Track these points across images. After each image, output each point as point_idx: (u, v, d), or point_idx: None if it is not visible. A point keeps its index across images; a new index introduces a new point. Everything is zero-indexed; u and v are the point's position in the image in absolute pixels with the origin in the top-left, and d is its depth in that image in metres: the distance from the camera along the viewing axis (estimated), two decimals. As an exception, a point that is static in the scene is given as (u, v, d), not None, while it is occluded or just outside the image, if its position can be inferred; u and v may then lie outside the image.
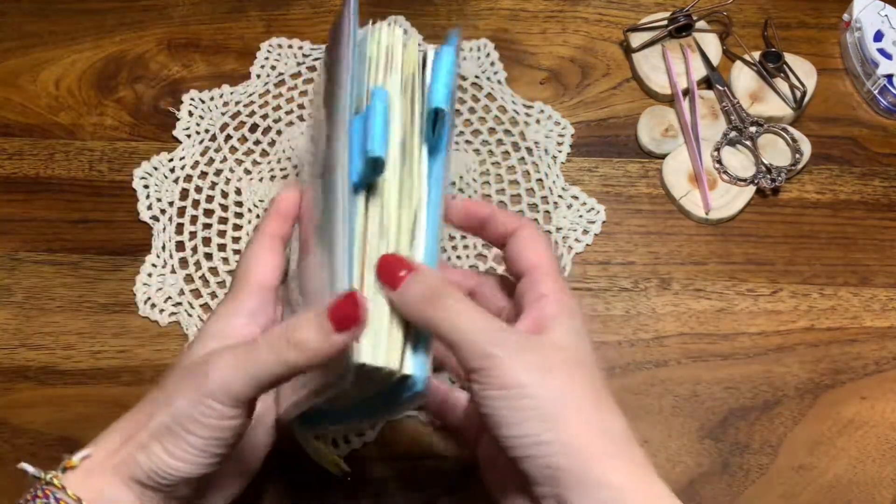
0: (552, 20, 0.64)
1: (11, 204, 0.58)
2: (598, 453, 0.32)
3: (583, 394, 0.33)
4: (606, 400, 0.34)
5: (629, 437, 0.33)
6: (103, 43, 0.65)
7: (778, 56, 0.59)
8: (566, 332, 0.35)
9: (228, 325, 0.37)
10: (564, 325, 0.35)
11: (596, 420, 0.33)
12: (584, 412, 0.32)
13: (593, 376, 0.34)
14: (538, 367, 0.32)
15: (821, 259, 0.54)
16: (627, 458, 0.32)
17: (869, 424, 0.49)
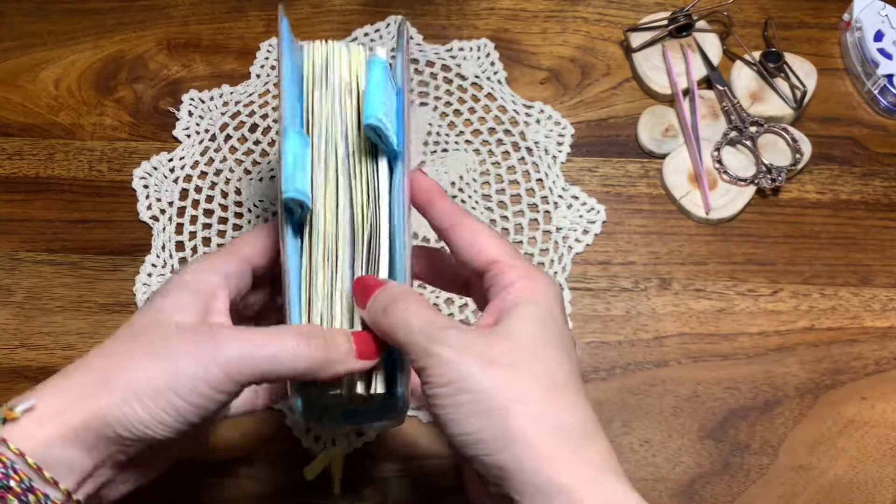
0: (552, 20, 0.64)
1: (11, 204, 0.58)
2: (549, 451, 0.29)
3: (533, 386, 0.30)
4: (564, 391, 0.31)
5: (587, 431, 0.31)
6: (103, 43, 0.65)
7: (778, 56, 0.59)
8: (522, 320, 0.32)
9: (203, 280, 0.36)
10: (521, 314, 0.32)
11: (547, 414, 0.30)
12: (532, 406, 0.30)
13: (548, 367, 0.31)
14: (480, 359, 0.30)
15: (821, 259, 0.54)
16: (581, 456, 0.30)
17: (869, 424, 0.49)
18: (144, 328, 0.34)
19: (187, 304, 0.34)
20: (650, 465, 0.48)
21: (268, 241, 0.38)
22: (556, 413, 0.30)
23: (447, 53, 0.63)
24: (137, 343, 0.33)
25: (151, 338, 0.33)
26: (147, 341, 0.33)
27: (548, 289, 0.33)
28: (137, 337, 0.34)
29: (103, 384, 0.32)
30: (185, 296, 0.35)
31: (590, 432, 0.31)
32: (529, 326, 0.32)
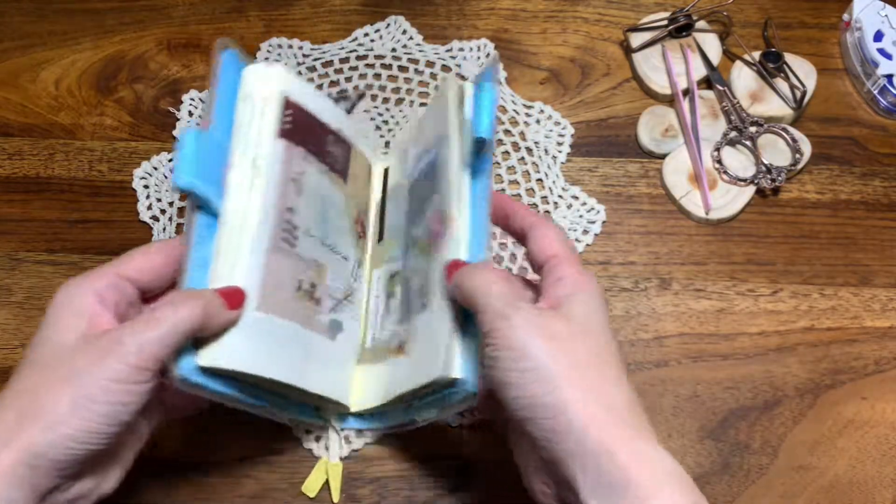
0: (552, 20, 0.64)
1: (11, 204, 0.58)
2: (598, 418, 0.33)
3: (587, 361, 0.34)
4: (613, 369, 0.35)
5: (632, 405, 0.34)
6: (103, 43, 0.65)
7: (778, 56, 0.59)
8: (577, 306, 0.36)
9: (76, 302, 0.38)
10: (576, 300, 0.37)
11: (598, 387, 0.34)
12: (585, 379, 0.34)
13: (601, 347, 0.36)
14: (543, 333, 0.35)
15: (821, 259, 0.54)
16: (628, 424, 0.33)
17: (869, 424, 0.49)
18: (41, 360, 0.36)
19: (71, 325, 0.37)
20: (650, 465, 0.48)
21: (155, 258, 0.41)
22: (604, 386, 0.34)
23: (447, 53, 0.63)
24: (41, 375, 0.36)
25: (51, 365, 0.36)
26: (48, 369, 0.35)
27: (595, 284, 0.38)
28: (39, 369, 0.36)
29: (21, 420, 0.34)
30: (66, 319, 0.37)
31: (632, 405, 0.34)
32: (583, 311, 0.36)
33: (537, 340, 0.34)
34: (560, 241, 0.40)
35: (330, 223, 0.47)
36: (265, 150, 0.43)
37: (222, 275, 0.40)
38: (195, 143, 0.40)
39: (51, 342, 0.37)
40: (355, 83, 0.61)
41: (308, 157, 0.46)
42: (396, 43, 0.63)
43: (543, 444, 0.34)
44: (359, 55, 0.63)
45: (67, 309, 0.37)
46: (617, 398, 0.34)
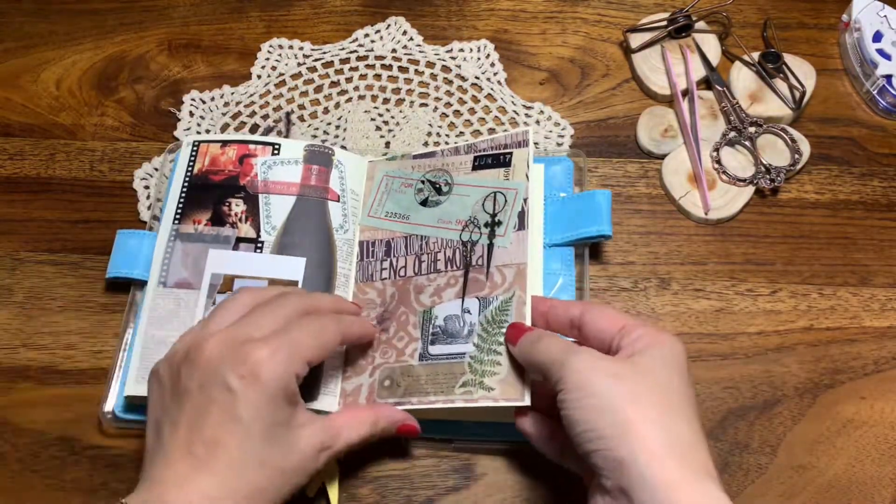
0: (552, 21, 0.65)
1: (12, 204, 0.58)
2: (659, 452, 0.34)
3: (650, 398, 0.36)
4: (678, 409, 0.36)
5: (693, 442, 0.35)
6: (104, 43, 0.65)
7: (777, 56, 0.60)
8: (648, 357, 0.38)
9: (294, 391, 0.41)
10: (648, 353, 0.38)
11: (660, 422, 0.35)
12: (649, 413, 0.35)
13: (668, 389, 0.37)
14: (605, 372, 0.37)
15: (820, 259, 0.54)
16: (687, 460, 0.34)
17: (868, 424, 0.49)
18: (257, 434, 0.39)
19: (285, 411, 0.40)
20: (649, 465, 0.48)
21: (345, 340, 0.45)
22: (666, 421, 0.35)
23: (447, 54, 0.63)
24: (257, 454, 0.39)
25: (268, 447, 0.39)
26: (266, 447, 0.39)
27: (675, 342, 0.39)
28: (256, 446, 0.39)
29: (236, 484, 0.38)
30: (281, 404, 0.39)
31: (693, 442, 0.35)
32: (655, 362, 0.38)
33: (599, 376, 0.36)
34: (624, 312, 0.42)
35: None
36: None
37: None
38: None
39: (267, 421, 0.39)
40: (285, 109, 0.61)
41: None
42: (396, 44, 0.64)
43: (608, 475, 0.35)
44: (359, 56, 0.63)
45: (283, 393, 0.39)
46: (682, 435, 0.35)
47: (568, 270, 0.51)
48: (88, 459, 0.49)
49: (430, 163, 0.54)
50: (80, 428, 0.50)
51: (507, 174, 0.51)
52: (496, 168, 0.52)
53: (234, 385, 0.38)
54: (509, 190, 0.50)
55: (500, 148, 0.52)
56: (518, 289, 0.47)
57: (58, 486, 0.48)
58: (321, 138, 0.60)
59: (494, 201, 0.51)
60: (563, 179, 0.54)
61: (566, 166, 0.55)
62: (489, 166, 0.52)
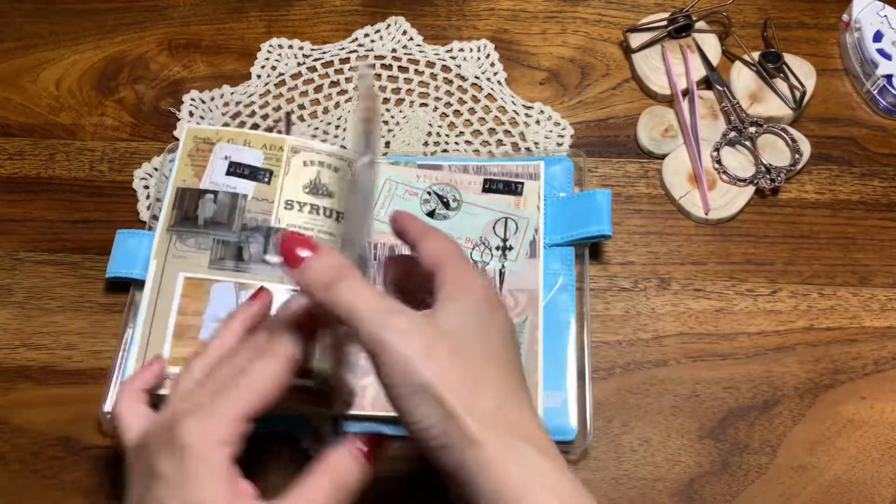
0: (552, 20, 0.64)
1: (12, 204, 0.58)
2: (473, 431, 0.33)
3: (460, 374, 0.34)
4: (482, 375, 0.35)
5: (500, 406, 0.35)
6: (104, 43, 0.65)
7: (777, 56, 0.60)
8: (451, 314, 0.36)
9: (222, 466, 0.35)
10: (450, 307, 0.37)
11: (470, 397, 0.34)
12: (460, 393, 0.34)
13: (472, 354, 0.35)
14: (423, 353, 0.34)
15: (820, 259, 0.54)
16: (495, 431, 0.34)
17: (868, 424, 0.49)
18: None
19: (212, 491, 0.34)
20: (649, 465, 0.48)
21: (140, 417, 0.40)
22: (477, 394, 0.34)
23: (447, 54, 0.63)
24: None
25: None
26: None
27: (472, 281, 0.38)
28: None
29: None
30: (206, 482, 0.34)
31: (504, 408, 0.35)
32: (455, 319, 0.36)
33: (418, 362, 0.34)
34: (444, 247, 0.39)
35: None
36: None
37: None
38: None
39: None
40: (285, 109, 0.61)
41: None
42: (396, 43, 0.64)
43: (438, 463, 0.35)
44: (359, 56, 0.63)
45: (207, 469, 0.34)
46: (488, 404, 0.34)
47: (568, 270, 0.52)
48: (88, 459, 0.49)
49: (436, 175, 0.55)
50: (80, 428, 0.50)
51: (518, 203, 0.53)
52: (507, 195, 0.53)
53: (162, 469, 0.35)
54: (521, 218, 0.52)
55: (511, 176, 0.54)
56: (531, 313, 0.48)
57: (58, 486, 0.48)
58: (321, 138, 0.60)
59: (506, 226, 0.52)
60: (563, 179, 0.54)
61: (566, 166, 0.55)
62: (500, 191, 0.54)
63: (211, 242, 0.51)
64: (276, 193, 0.52)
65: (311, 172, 0.53)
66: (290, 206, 0.52)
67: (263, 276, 0.50)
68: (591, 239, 0.52)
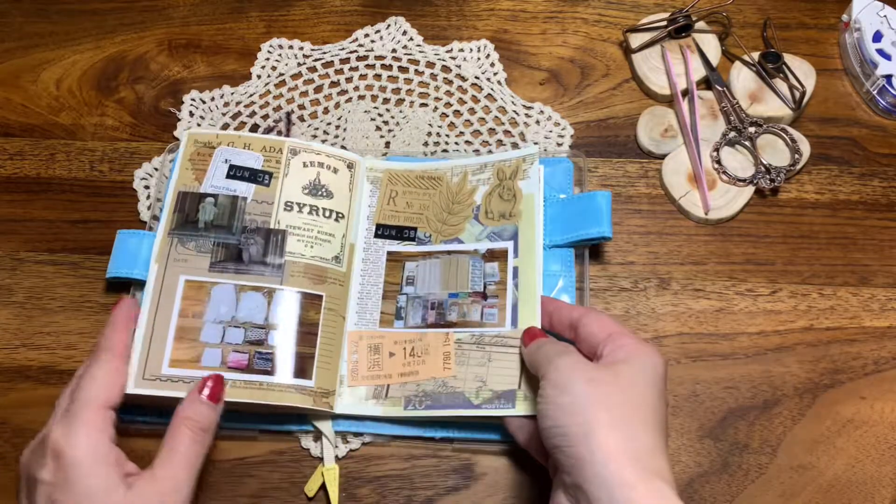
0: (552, 21, 0.65)
1: (12, 204, 0.58)
2: (618, 454, 0.36)
3: (620, 404, 0.38)
4: (644, 418, 0.38)
5: (652, 449, 0.37)
6: (104, 43, 0.65)
7: (777, 56, 0.60)
8: (628, 366, 0.40)
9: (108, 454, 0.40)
10: (629, 363, 0.40)
11: (624, 427, 0.37)
12: (614, 417, 0.37)
13: (640, 399, 0.38)
14: (584, 376, 0.39)
15: (820, 259, 0.54)
16: (644, 463, 0.36)
17: (868, 424, 0.49)
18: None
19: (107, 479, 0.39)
20: (649, 465, 0.48)
21: (118, 378, 0.45)
22: (633, 428, 0.37)
23: (447, 54, 0.63)
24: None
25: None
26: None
27: (655, 356, 0.41)
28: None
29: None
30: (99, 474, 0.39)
31: (654, 450, 0.37)
32: (633, 371, 0.39)
33: (577, 378, 0.39)
34: (615, 321, 0.43)
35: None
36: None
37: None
38: None
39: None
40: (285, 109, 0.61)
41: None
42: (396, 44, 0.64)
43: (568, 471, 0.37)
44: (359, 56, 0.63)
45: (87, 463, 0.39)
46: (642, 441, 0.37)
47: (568, 271, 0.52)
48: (88, 459, 0.49)
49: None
50: (80, 428, 0.50)
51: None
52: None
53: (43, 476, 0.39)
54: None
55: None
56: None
57: (58, 486, 0.48)
58: (321, 138, 0.60)
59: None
60: (563, 180, 0.54)
61: (566, 167, 0.55)
62: None
63: (211, 245, 0.51)
64: (276, 195, 0.52)
65: (310, 173, 0.53)
66: (290, 207, 0.52)
67: (262, 278, 0.50)
68: (591, 240, 0.52)
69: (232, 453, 0.49)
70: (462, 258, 0.51)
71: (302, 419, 0.49)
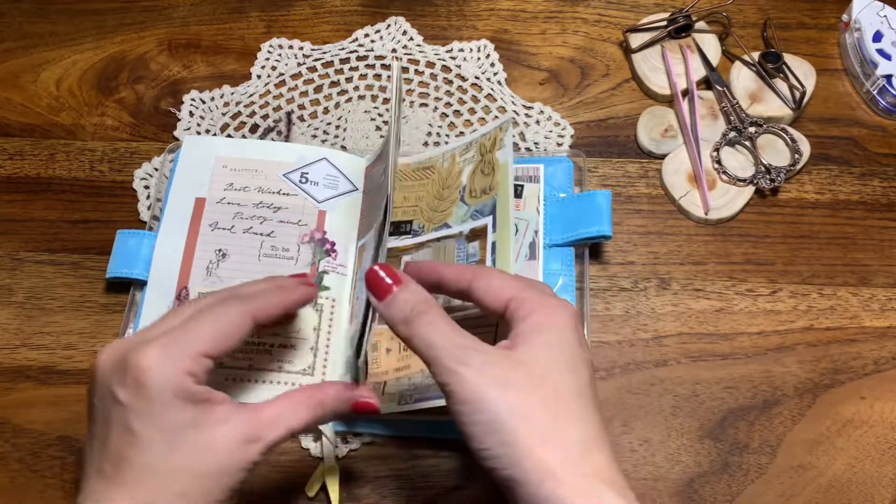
0: (552, 21, 0.65)
1: (12, 204, 0.58)
2: (551, 466, 0.33)
3: (542, 407, 0.34)
4: (569, 410, 0.34)
5: (587, 447, 0.34)
6: (104, 43, 0.65)
7: (777, 56, 0.60)
8: (534, 347, 0.36)
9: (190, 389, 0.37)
10: (534, 341, 0.36)
11: (552, 432, 0.33)
12: (539, 426, 0.33)
13: (557, 388, 0.35)
14: (498, 382, 0.34)
15: (820, 259, 0.54)
16: (581, 469, 0.33)
17: (868, 424, 0.49)
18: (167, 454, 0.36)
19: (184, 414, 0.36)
20: (649, 465, 0.48)
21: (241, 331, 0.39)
22: (560, 430, 0.34)
23: (447, 54, 0.63)
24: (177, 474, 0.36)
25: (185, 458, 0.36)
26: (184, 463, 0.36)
27: (561, 315, 0.36)
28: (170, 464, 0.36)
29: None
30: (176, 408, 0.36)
31: (591, 447, 0.34)
32: (542, 352, 0.35)
33: (492, 390, 0.34)
34: (510, 282, 0.38)
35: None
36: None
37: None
38: None
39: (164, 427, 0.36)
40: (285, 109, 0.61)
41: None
42: (397, 44, 0.64)
43: (507, 493, 0.34)
44: (359, 56, 0.63)
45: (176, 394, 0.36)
46: (573, 444, 0.34)
47: (568, 270, 0.52)
48: (88, 459, 0.49)
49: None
50: (80, 428, 0.50)
51: (518, 205, 0.53)
52: None
53: (121, 397, 0.36)
54: (521, 220, 0.52)
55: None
56: None
57: (58, 486, 0.48)
58: (321, 138, 0.60)
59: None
60: (563, 180, 0.54)
61: (566, 167, 0.55)
62: None
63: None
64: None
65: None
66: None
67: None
68: (591, 240, 0.52)
69: (232, 453, 0.49)
70: (449, 243, 0.50)
71: None
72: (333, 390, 0.41)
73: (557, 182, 0.54)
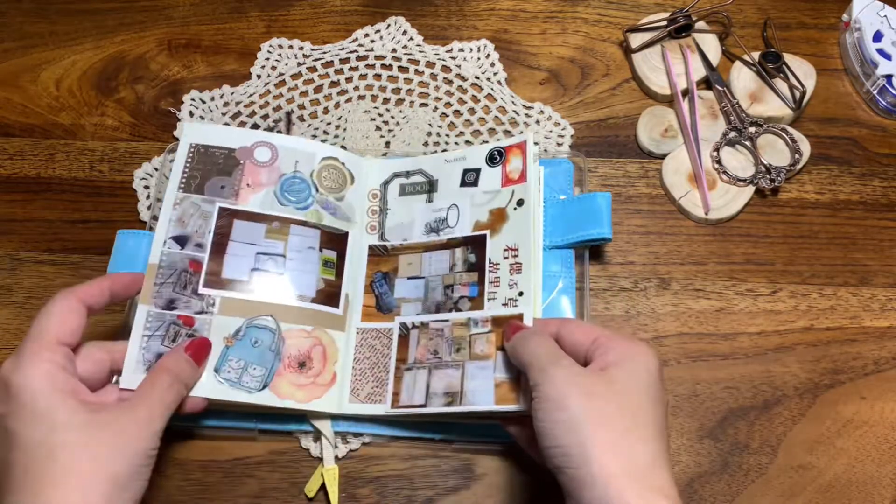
0: (552, 21, 0.65)
1: (12, 204, 0.58)
2: (619, 476, 0.35)
3: (618, 417, 0.37)
4: (643, 429, 0.37)
5: (654, 463, 0.36)
6: (104, 43, 0.65)
7: (777, 56, 0.60)
8: (622, 371, 0.39)
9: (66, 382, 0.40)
10: (622, 366, 0.39)
11: (623, 444, 0.36)
12: (613, 434, 0.36)
13: (635, 408, 0.38)
14: (583, 391, 0.38)
15: (820, 259, 0.54)
16: (643, 482, 0.35)
17: (868, 424, 0.49)
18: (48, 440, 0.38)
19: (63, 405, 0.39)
20: (649, 465, 0.48)
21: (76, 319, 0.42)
22: (631, 444, 0.36)
23: (447, 54, 0.63)
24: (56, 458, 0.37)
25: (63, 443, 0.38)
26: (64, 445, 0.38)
27: (647, 353, 0.40)
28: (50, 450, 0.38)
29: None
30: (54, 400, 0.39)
31: (654, 463, 0.36)
32: (627, 377, 0.39)
33: (573, 393, 0.37)
34: (595, 326, 0.42)
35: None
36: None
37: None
38: None
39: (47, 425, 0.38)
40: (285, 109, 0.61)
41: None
42: (396, 43, 0.64)
43: (570, 493, 0.36)
44: (359, 55, 0.63)
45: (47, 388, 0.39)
46: (641, 457, 0.36)
47: (568, 272, 0.52)
48: (88, 459, 0.49)
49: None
50: (79, 428, 0.50)
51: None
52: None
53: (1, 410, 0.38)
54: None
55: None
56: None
57: (58, 486, 0.48)
58: (321, 138, 0.60)
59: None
60: (563, 181, 0.54)
61: (566, 168, 0.55)
62: None
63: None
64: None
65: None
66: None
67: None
68: (591, 241, 0.52)
69: (232, 453, 0.49)
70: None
71: (301, 419, 0.49)
72: (173, 360, 0.44)
73: (557, 183, 0.54)
